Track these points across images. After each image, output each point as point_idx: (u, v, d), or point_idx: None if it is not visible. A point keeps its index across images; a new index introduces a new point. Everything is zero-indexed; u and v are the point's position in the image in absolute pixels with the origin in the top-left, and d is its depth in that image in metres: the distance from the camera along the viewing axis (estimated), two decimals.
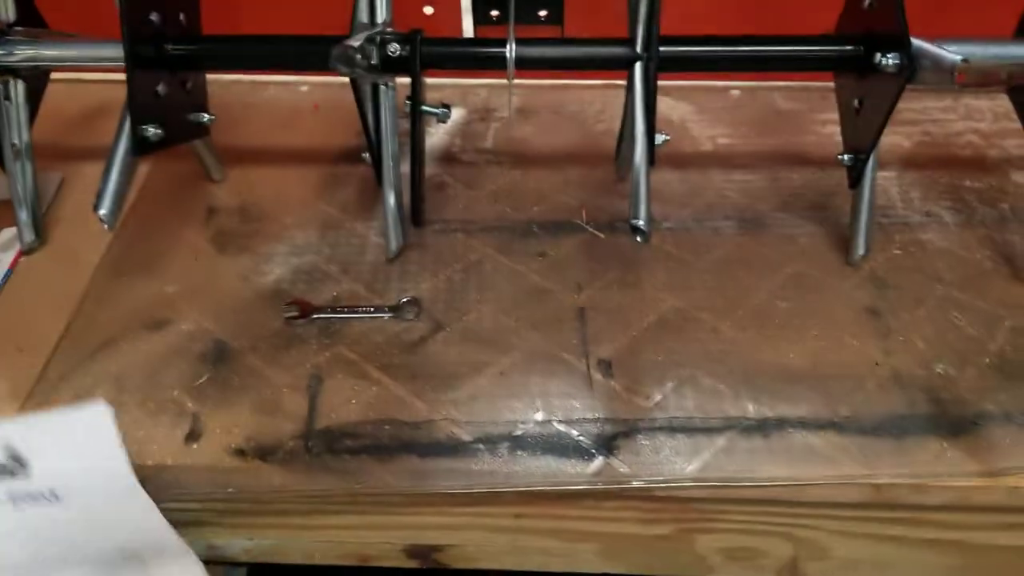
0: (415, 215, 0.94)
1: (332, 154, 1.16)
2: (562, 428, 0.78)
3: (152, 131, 0.87)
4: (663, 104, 1.21)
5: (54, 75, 1.02)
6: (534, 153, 1.16)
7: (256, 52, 0.92)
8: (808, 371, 0.84)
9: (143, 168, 1.11)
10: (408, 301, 0.91)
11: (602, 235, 1.01)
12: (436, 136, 1.17)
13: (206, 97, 1.01)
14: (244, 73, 1.26)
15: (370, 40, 0.83)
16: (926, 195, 1.07)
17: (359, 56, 0.80)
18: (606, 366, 0.85)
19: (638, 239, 0.82)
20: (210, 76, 1.01)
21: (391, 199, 0.94)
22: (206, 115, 0.98)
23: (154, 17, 0.87)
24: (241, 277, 0.95)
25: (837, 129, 1.14)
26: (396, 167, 0.94)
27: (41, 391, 0.82)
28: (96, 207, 0.83)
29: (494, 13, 1.17)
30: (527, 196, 1.08)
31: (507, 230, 1.02)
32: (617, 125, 1.13)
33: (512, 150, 1.16)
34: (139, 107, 0.85)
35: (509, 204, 1.06)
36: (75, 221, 1.03)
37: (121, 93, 0.88)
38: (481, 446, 0.77)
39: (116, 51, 0.87)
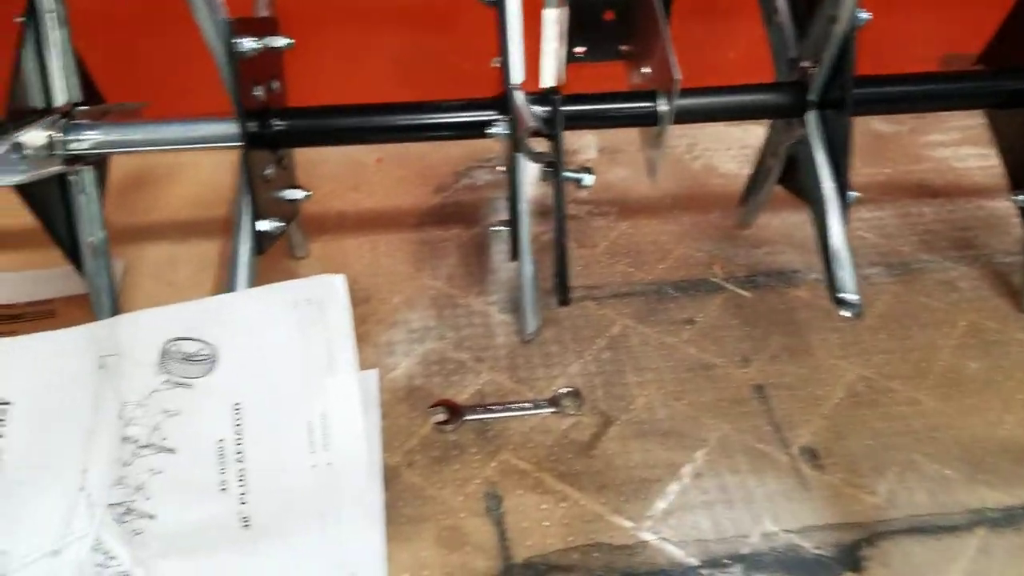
0: (562, 294, 0.83)
1: (414, 217, 1.04)
2: (794, 539, 0.69)
3: (272, 224, 0.74)
4: (752, 133, 1.13)
5: None
6: (637, 200, 1.06)
7: (390, 124, 0.80)
8: None
9: (213, 248, 0.98)
10: (566, 393, 0.80)
11: (747, 293, 0.92)
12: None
13: (295, 172, 0.88)
14: None
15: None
16: None
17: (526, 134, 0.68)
18: (811, 455, 0.75)
19: (845, 314, 0.73)
20: None
21: (529, 275, 0.84)
22: (301, 191, 0.86)
23: (259, 91, 0.74)
24: None
25: (949, 153, 1.08)
26: (528, 239, 0.83)
27: None
28: None
29: (579, 50, 1.05)
30: (647, 252, 0.98)
31: (639, 294, 0.92)
32: (716, 160, 1.04)
33: (612, 198, 1.07)
34: (258, 197, 0.72)
35: (630, 262, 0.97)
36: None
37: (161, 158, 0.75)
38: (712, 571, 0.67)
39: (221, 129, 0.74)
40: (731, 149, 1.13)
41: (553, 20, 1.00)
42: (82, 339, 0.73)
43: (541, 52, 1.06)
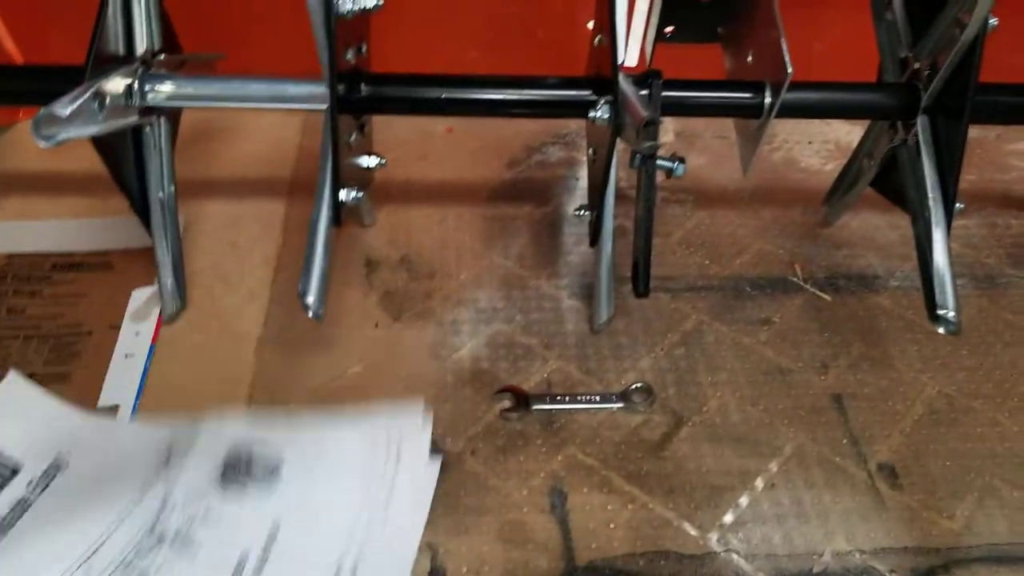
0: (641, 284, 0.80)
1: (485, 191, 1.01)
2: (868, 560, 0.66)
3: (351, 194, 0.71)
4: (836, 128, 1.09)
5: None
6: (715, 189, 1.03)
7: (482, 100, 0.76)
8: None
9: (278, 208, 0.95)
10: (637, 388, 0.78)
11: (827, 297, 0.88)
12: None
13: (372, 137, 0.85)
14: None
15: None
16: None
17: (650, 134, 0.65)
18: (889, 473, 0.73)
19: (942, 330, 0.70)
20: None
21: (607, 261, 0.81)
22: (376, 158, 0.83)
23: (350, 54, 0.71)
24: (431, 353, 0.81)
25: None
26: (611, 227, 0.80)
27: None
28: (302, 294, 0.67)
29: (668, 30, 1.01)
30: (723, 245, 0.95)
31: (716, 289, 0.89)
32: (797, 153, 1.00)
33: (689, 185, 1.03)
34: (340, 165, 0.69)
35: (706, 255, 0.93)
36: (211, 276, 0.88)
37: (212, 116, 0.71)
38: None
39: (308, 91, 0.71)
40: (813, 143, 1.09)
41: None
42: (162, 438, 0.70)
43: (628, 29, 1.03)
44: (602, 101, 0.70)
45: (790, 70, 0.68)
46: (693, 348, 0.83)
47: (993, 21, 0.68)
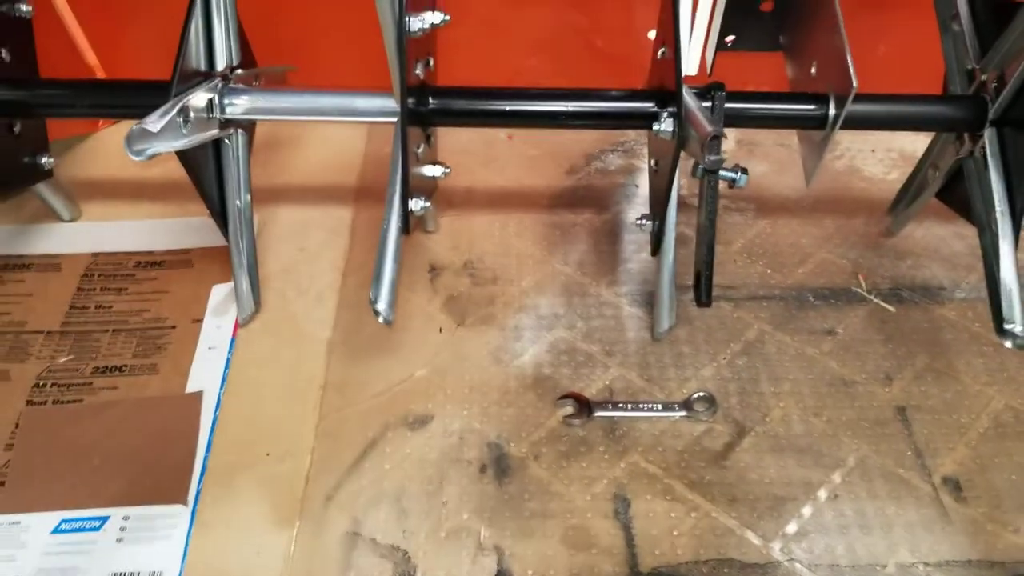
0: (704, 293, 0.81)
1: (546, 198, 1.03)
2: (931, 574, 0.66)
3: (420, 204, 0.73)
4: (900, 137, 1.08)
5: None
6: (776, 198, 1.03)
7: (550, 112, 0.78)
8: None
9: (344, 215, 0.98)
10: (700, 397, 0.78)
11: (891, 308, 0.88)
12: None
13: (437, 148, 0.87)
14: None
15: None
16: None
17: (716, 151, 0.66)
18: (954, 486, 0.72)
19: (1008, 344, 0.70)
20: None
21: (669, 272, 0.81)
22: (441, 167, 0.85)
23: (419, 70, 0.73)
24: (494, 358, 0.83)
25: None
26: (673, 237, 0.81)
27: (309, 516, 0.70)
28: (373, 301, 0.70)
29: (729, 39, 1.02)
30: (786, 253, 0.95)
31: (778, 299, 0.89)
32: (859, 161, 1.00)
33: (750, 194, 1.03)
34: (409, 175, 0.71)
35: (768, 264, 0.94)
36: (284, 280, 0.91)
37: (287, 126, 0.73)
38: None
39: (380, 104, 0.73)
40: (876, 151, 1.09)
41: (704, 5, 0.97)
42: None
43: (690, 37, 1.04)
44: (665, 114, 0.71)
45: (855, 83, 0.68)
46: (755, 358, 0.83)
47: None
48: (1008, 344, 0.70)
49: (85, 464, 0.73)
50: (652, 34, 0.88)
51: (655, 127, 0.72)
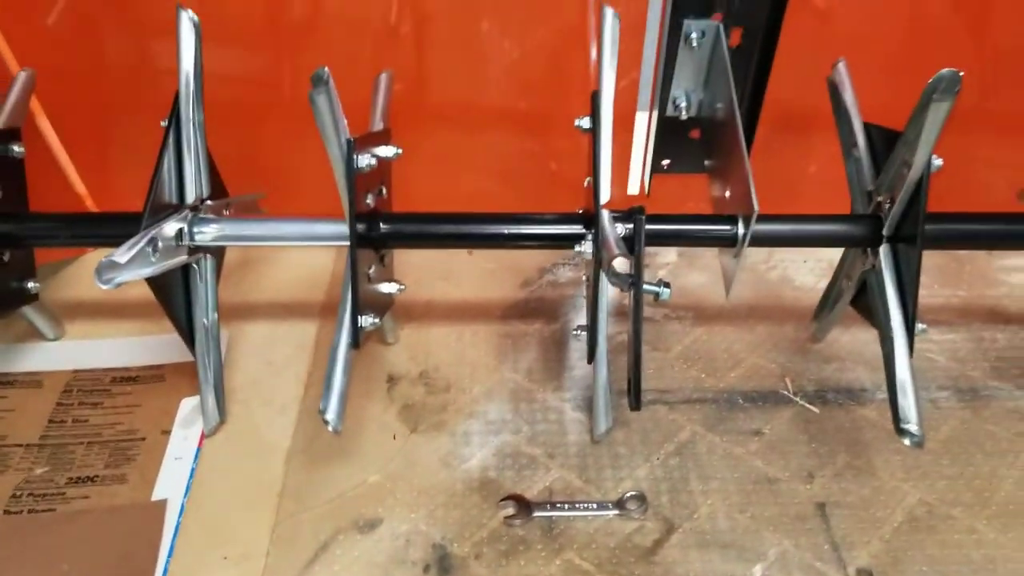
0: (634, 399, 0.88)
1: (500, 309, 1.10)
2: None
3: (369, 321, 0.81)
4: (838, 251, 1.16)
5: None
6: (713, 307, 1.10)
7: (481, 233, 0.86)
8: None
9: (311, 329, 1.05)
10: (632, 496, 0.84)
11: (816, 409, 0.95)
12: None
13: (393, 267, 0.95)
14: None
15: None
16: None
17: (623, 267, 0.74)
18: None
19: (907, 443, 0.76)
20: None
21: (604, 378, 0.88)
22: (397, 284, 0.93)
23: (369, 199, 0.82)
24: (442, 463, 0.89)
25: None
26: (605, 347, 0.88)
27: None
28: (323, 411, 0.76)
29: (665, 163, 1.12)
30: (720, 359, 1.02)
31: (711, 402, 0.96)
32: (791, 272, 1.08)
33: (689, 303, 1.11)
34: (359, 294, 0.79)
35: (703, 368, 1.00)
36: (250, 392, 0.97)
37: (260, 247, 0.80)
38: None
39: (332, 230, 0.82)
40: (807, 262, 1.17)
41: (643, 127, 1.07)
42: None
43: (631, 160, 1.14)
44: (589, 236, 0.79)
45: (756, 207, 0.77)
46: (687, 458, 0.89)
47: (938, 161, 0.76)
48: (906, 442, 0.76)
49: (55, 570, 0.79)
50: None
51: (577, 248, 0.80)
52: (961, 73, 0.68)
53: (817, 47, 0.98)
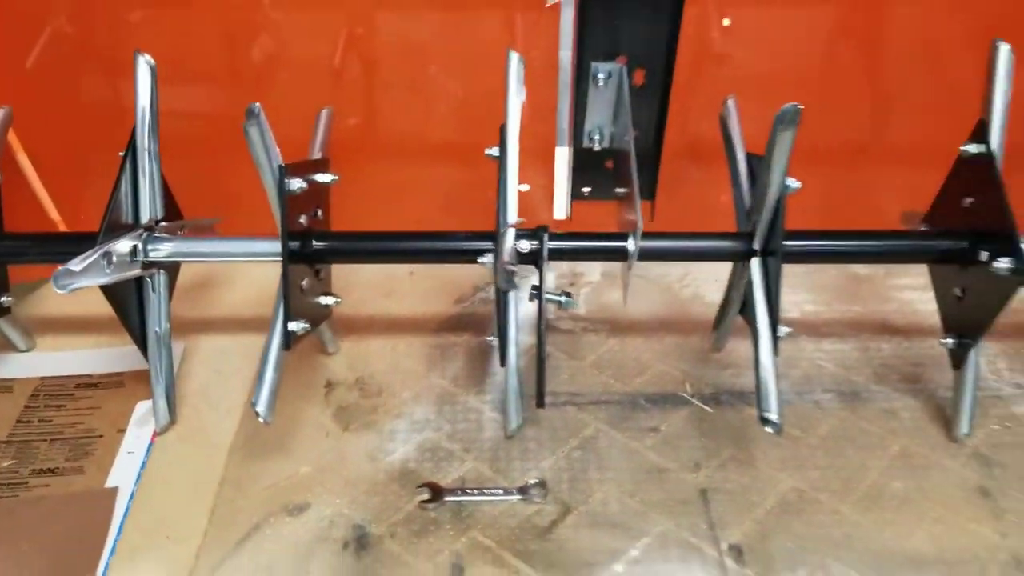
0: (539, 398, 0.98)
1: (434, 323, 1.21)
2: None
3: (300, 325, 0.92)
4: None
5: None
6: (627, 321, 1.21)
7: (402, 249, 0.98)
8: (933, 555, 0.87)
9: (259, 342, 1.15)
10: (535, 484, 0.95)
11: (710, 409, 1.05)
12: (532, 304, 1.22)
13: (331, 281, 1.06)
14: None
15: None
16: (1012, 365, 1.12)
17: (511, 269, 0.85)
18: (737, 552, 0.88)
19: (769, 430, 0.87)
20: None
21: (514, 380, 0.99)
22: (333, 298, 1.04)
23: (303, 219, 0.93)
24: (369, 457, 0.99)
25: (915, 296, 1.20)
26: (518, 350, 0.99)
27: None
28: (254, 403, 0.87)
29: (586, 190, 1.24)
30: (629, 366, 1.13)
31: (616, 403, 1.06)
32: (703, 290, 1.19)
33: (606, 317, 1.22)
34: (291, 302, 0.90)
35: (612, 375, 1.11)
36: (200, 397, 1.08)
37: (225, 265, 0.91)
38: None
39: (267, 247, 0.93)
40: (719, 280, 1.27)
41: (563, 159, 1.19)
42: None
43: (555, 190, 1.26)
44: (489, 250, 0.90)
45: (640, 224, 0.88)
46: (589, 451, 1.00)
47: (795, 184, 0.88)
48: (769, 430, 0.87)
49: (15, 549, 0.89)
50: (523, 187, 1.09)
51: (480, 260, 0.91)
52: (801, 107, 0.80)
53: (720, 87, 1.09)
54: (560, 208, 1.27)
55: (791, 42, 1.16)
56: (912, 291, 1.26)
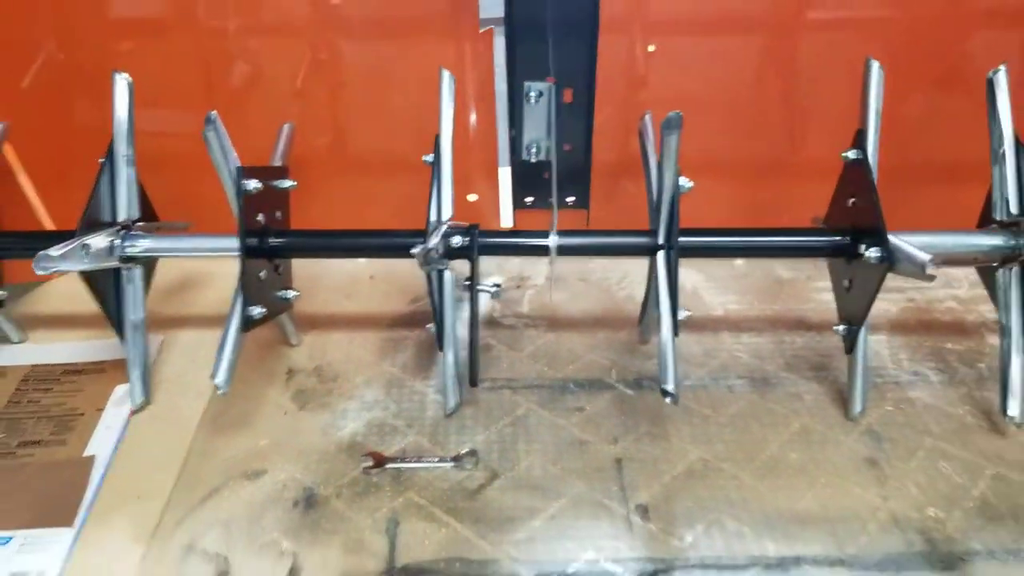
0: (472, 377, 1.10)
1: (389, 320, 1.33)
2: (609, 567, 0.92)
3: (257, 311, 1.04)
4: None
5: None
6: (566, 318, 1.33)
7: (346, 244, 1.11)
8: (819, 515, 0.98)
9: None
10: (467, 453, 1.06)
11: (631, 392, 1.17)
12: (480, 304, 1.34)
13: (291, 277, 1.18)
14: None
15: (443, 236, 1.02)
16: (913, 356, 1.24)
17: (433, 254, 0.97)
18: (643, 511, 0.99)
19: (667, 401, 0.98)
20: None
21: (450, 363, 1.11)
22: (292, 292, 1.16)
23: (260, 217, 1.06)
24: (322, 431, 1.10)
25: (833, 297, 1.32)
26: (454, 335, 1.11)
27: (160, 535, 0.96)
28: (213, 376, 0.99)
29: (528, 199, 1.36)
30: (562, 357, 1.24)
31: (547, 388, 1.18)
32: (637, 291, 1.31)
33: (546, 315, 1.34)
34: (248, 291, 1.02)
35: (547, 364, 1.23)
36: (175, 382, 1.19)
37: (204, 267, 1.06)
38: None
39: (229, 243, 1.05)
40: None
41: (506, 174, 1.32)
42: None
43: (500, 200, 1.38)
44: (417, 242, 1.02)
45: (555, 221, 1.01)
46: (519, 428, 1.11)
47: (688, 183, 1.00)
48: (668, 400, 0.98)
49: (2, 505, 1.00)
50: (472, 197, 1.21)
51: (412, 251, 1.03)
52: (681, 114, 0.92)
53: (654, 107, 1.22)
54: (506, 218, 1.40)
55: (715, 64, 1.29)
56: (830, 292, 1.37)
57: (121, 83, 1.05)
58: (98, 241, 1.02)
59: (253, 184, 1.01)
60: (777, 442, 1.08)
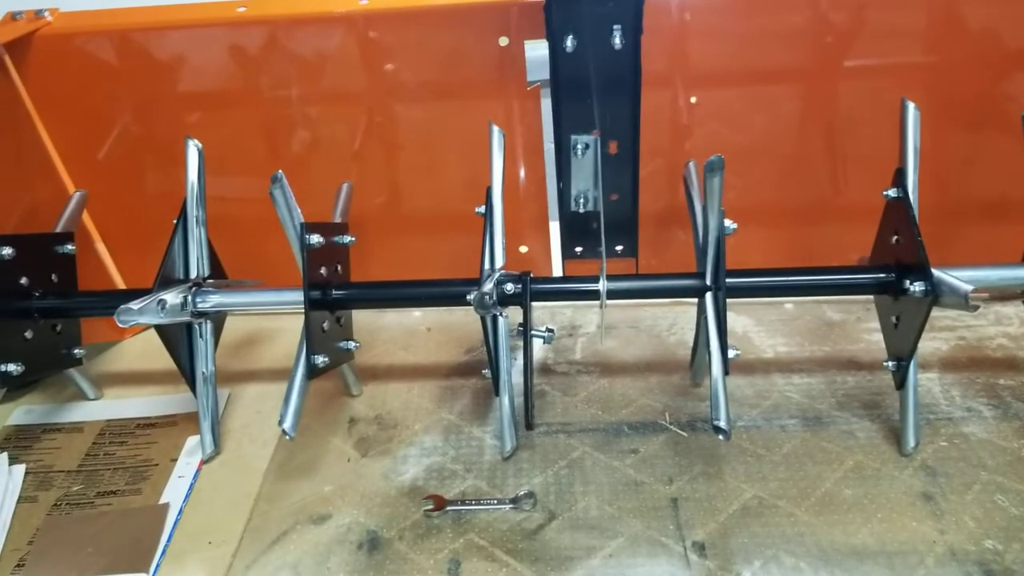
0: (528, 421, 1.13)
1: (446, 369, 1.37)
2: None
3: (321, 359, 1.09)
4: (728, 318, 1.42)
5: None
6: (618, 363, 1.36)
7: (404, 294, 1.16)
8: (876, 549, 0.98)
9: None
10: (525, 494, 1.09)
11: (685, 434, 1.19)
12: (534, 350, 1.37)
13: (352, 328, 1.24)
14: None
15: (496, 283, 1.06)
16: (965, 393, 1.24)
17: (488, 298, 1.02)
18: (700, 548, 1.00)
19: (720, 437, 1.00)
20: None
21: (506, 407, 1.14)
22: (353, 343, 1.21)
23: (323, 270, 1.11)
24: (383, 477, 1.14)
25: (882, 337, 1.33)
26: (509, 381, 1.14)
27: None
28: (281, 421, 1.04)
29: (578, 249, 1.40)
30: (616, 401, 1.27)
31: (601, 431, 1.21)
32: (687, 337, 1.33)
33: (599, 361, 1.37)
34: (312, 340, 1.07)
35: (601, 408, 1.26)
36: (242, 433, 1.24)
37: (267, 325, 1.11)
38: None
39: (293, 296, 1.11)
40: None
41: (555, 227, 1.36)
42: None
43: (551, 251, 1.43)
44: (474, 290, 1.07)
45: (604, 266, 1.04)
46: (575, 470, 1.14)
47: (732, 225, 1.04)
48: (719, 436, 1.00)
49: (82, 551, 1.05)
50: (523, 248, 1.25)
51: (468, 297, 1.07)
52: (722, 156, 0.96)
53: (699, 156, 1.26)
54: (556, 268, 1.44)
55: (756, 113, 1.33)
56: (880, 333, 1.38)
57: (192, 148, 1.12)
58: (172, 297, 1.08)
59: (316, 238, 1.07)
60: (831, 479, 1.09)
